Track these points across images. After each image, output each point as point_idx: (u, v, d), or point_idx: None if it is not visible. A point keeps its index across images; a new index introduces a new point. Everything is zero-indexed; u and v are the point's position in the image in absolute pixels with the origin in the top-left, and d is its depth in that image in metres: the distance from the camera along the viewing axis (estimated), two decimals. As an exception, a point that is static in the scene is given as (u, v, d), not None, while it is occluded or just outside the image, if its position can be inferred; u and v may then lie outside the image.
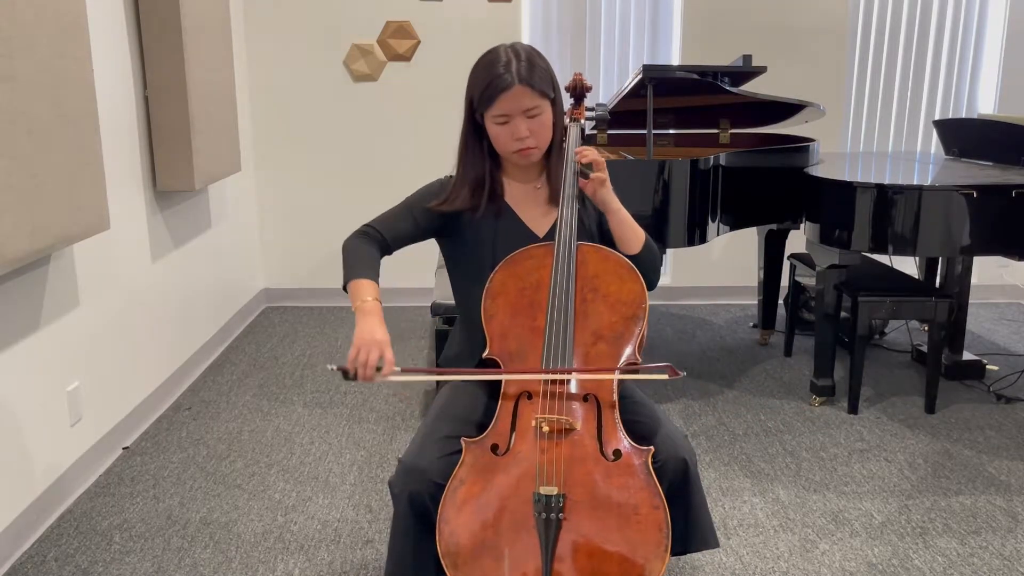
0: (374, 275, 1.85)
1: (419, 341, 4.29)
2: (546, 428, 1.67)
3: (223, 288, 4.26)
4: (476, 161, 1.93)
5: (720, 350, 4.15)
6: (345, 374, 1.67)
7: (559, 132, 1.94)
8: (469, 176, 1.94)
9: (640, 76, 3.26)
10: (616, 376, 1.75)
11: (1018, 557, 2.42)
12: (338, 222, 4.83)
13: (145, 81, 3.31)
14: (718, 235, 3.37)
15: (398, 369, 1.69)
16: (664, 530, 1.61)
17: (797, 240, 3.91)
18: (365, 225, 1.97)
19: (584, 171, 1.84)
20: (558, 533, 1.61)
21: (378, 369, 1.66)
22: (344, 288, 1.85)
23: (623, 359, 1.78)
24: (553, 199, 1.97)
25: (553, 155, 1.95)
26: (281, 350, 4.17)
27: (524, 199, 1.98)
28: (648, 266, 1.91)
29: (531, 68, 1.82)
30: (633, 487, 1.64)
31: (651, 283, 1.93)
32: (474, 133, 1.92)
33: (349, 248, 1.92)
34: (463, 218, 1.95)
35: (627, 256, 1.91)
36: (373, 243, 1.94)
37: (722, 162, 3.28)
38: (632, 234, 1.92)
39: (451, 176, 1.99)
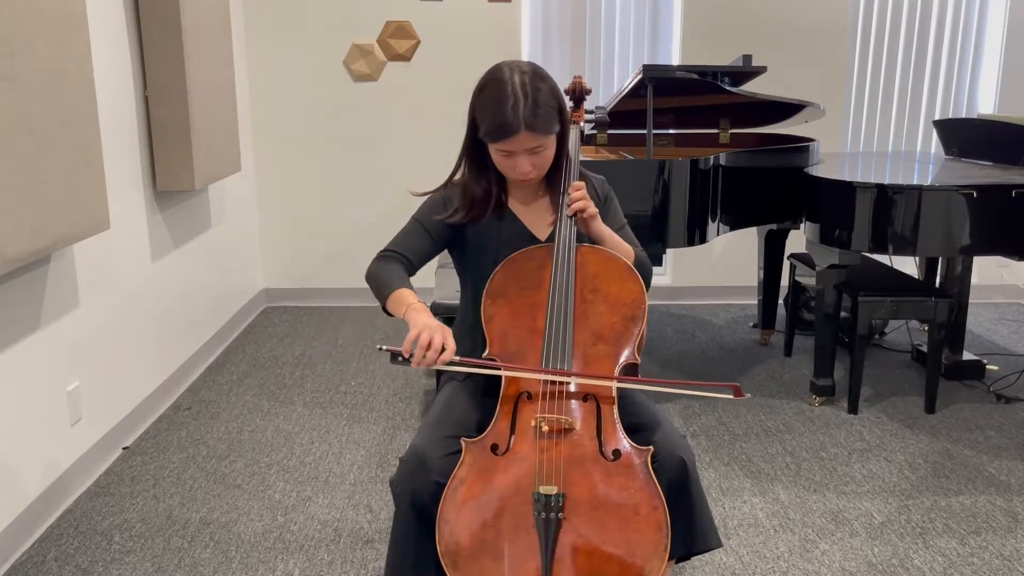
0: (408, 285, 1.86)
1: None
2: (546, 428, 1.68)
3: (223, 288, 4.26)
4: (480, 176, 1.94)
5: (720, 350, 4.15)
6: (395, 357, 1.68)
7: (563, 153, 1.93)
8: (475, 191, 1.94)
9: (640, 76, 3.26)
10: (665, 388, 1.75)
11: (1018, 557, 2.42)
12: (338, 222, 4.85)
13: (145, 81, 3.31)
14: (718, 235, 3.37)
15: (457, 358, 1.71)
16: (663, 530, 1.61)
17: (797, 240, 3.91)
18: (383, 250, 1.96)
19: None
20: (558, 533, 1.61)
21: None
22: (384, 308, 1.85)
23: (622, 360, 1.78)
24: (554, 204, 1.98)
25: (555, 168, 1.96)
26: (281, 350, 4.17)
27: (526, 204, 1.99)
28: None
29: (536, 110, 1.77)
30: (633, 487, 1.64)
31: None
32: (476, 149, 1.91)
33: (374, 272, 1.91)
34: (468, 225, 1.96)
35: None
36: (395, 262, 1.93)
37: (722, 162, 3.28)
38: (623, 255, 1.95)
39: (450, 183, 1.99)
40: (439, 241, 1.97)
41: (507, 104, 1.76)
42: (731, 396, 1.72)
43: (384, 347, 1.72)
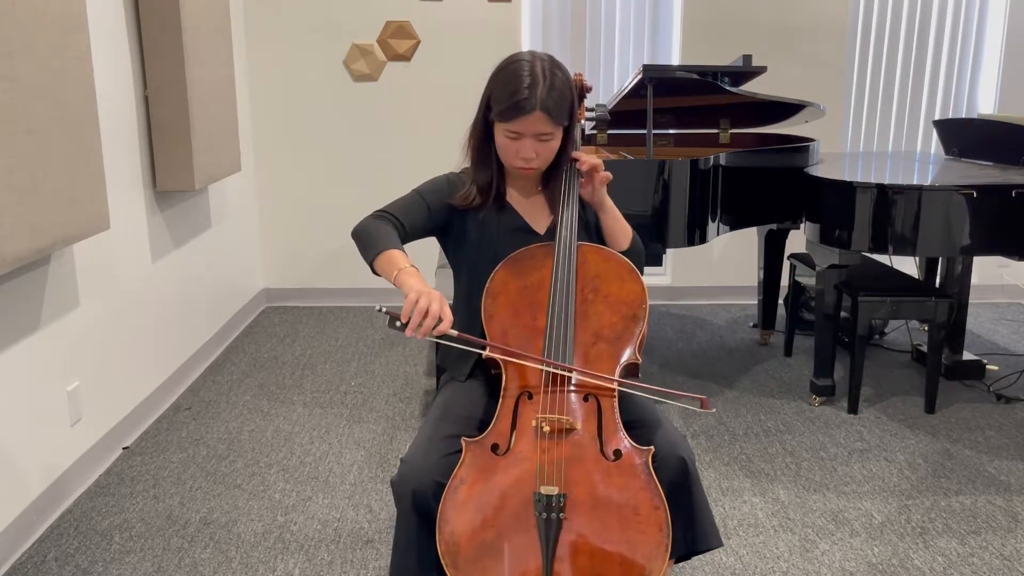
0: (401, 247, 1.82)
1: (419, 340, 4.30)
2: (547, 428, 1.68)
3: (223, 288, 4.26)
4: (486, 163, 1.94)
5: (720, 350, 4.15)
6: (393, 320, 1.62)
7: (565, 152, 1.94)
8: (480, 178, 1.95)
9: (640, 76, 3.26)
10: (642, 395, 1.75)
11: (1018, 557, 2.42)
12: (338, 222, 4.85)
13: (145, 81, 3.31)
14: (718, 235, 3.37)
15: (454, 332, 1.68)
16: (664, 530, 1.61)
17: (797, 240, 3.91)
18: (378, 210, 1.93)
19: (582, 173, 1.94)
20: (558, 533, 1.60)
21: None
22: (371, 266, 1.81)
23: (623, 359, 1.78)
24: (552, 200, 1.99)
25: (554, 166, 1.96)
26: (281, 350, 4.17)
27: (525, 198, 2.00)
28: (635, 260, 1.99)
29: (552, 93, 1.80)
30: (633, 487, 1.64)
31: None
32: (485, 133, 1.92)
33: (365, 228, 1.88)
34: (468, 215, 1.96)
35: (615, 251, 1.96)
36: (389, 224, 1.90)
37: (722, 162, 3.28)
38: (621, 231, 2.00)
39: (458, 173, 2.00)
40: (436, 220, 1.95)
41: (525, 83, 1.80)
42: (698, 408, 1.70)
43: (384, 308, 1.65)
